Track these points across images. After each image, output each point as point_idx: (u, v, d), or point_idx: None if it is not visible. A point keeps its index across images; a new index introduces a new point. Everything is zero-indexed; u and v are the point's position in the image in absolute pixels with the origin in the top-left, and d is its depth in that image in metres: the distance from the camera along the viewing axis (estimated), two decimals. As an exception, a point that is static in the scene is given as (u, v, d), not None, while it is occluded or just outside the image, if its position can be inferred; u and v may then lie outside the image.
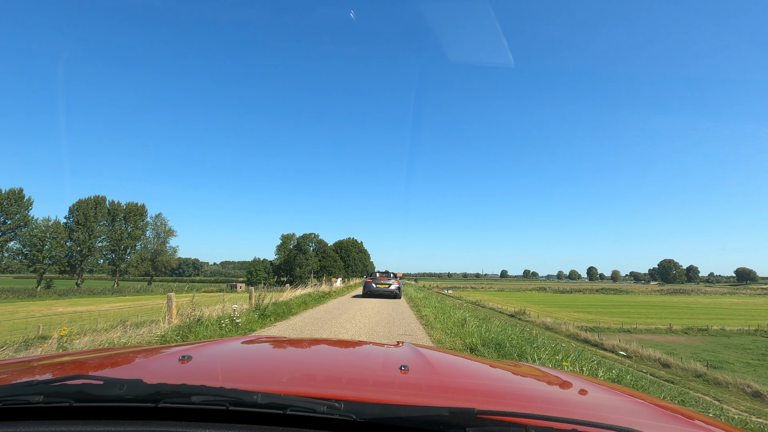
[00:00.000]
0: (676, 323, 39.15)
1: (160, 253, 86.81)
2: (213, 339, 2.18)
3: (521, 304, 60.67)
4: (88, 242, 71.10)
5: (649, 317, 45.07)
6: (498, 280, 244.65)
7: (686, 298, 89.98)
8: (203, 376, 1.08)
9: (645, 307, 59.76)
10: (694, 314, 49.21)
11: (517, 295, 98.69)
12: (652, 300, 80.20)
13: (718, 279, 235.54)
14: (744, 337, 34.31)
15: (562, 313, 48.20)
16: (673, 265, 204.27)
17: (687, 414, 1.02)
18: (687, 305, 65.28)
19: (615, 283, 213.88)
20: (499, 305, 57.92)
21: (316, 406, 0.71)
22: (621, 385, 1.65)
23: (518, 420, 0.70)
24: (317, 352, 1.60)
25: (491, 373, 1.41)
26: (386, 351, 1.60)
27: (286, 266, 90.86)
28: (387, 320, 10.51)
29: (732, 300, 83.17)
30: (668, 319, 42.45)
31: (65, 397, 0.75)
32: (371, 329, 8.70)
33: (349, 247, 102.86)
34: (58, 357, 1.40)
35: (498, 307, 54.01)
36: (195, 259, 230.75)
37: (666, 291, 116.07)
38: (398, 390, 1.03)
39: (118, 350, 1.61)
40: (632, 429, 0.69)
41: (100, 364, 1.29)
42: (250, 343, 1.70)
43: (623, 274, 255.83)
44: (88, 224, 71.76)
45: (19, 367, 1.18)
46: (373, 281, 19.86)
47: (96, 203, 75.48)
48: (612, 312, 50.84)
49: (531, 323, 34.64)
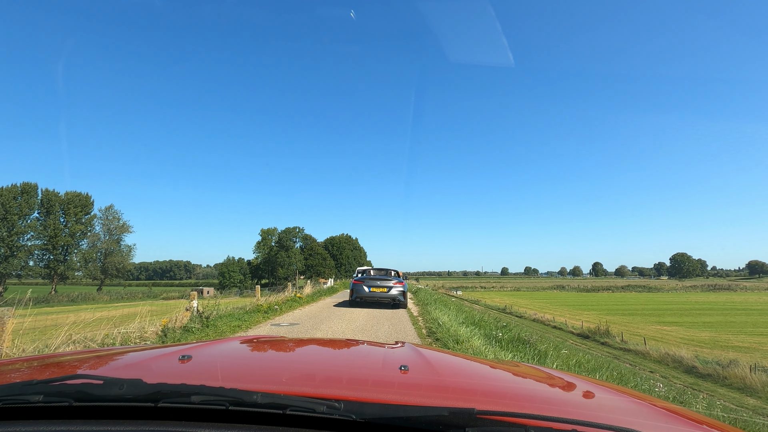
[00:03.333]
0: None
1: (112, 253, 71.57)
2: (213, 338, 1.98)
3: (564, 312, 46.81)
4: (8, 240, 55.92)
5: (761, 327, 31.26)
6: (500, 278, 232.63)
7: (741, 296, 76.29)
8: (203, 376, 1.09)
9: (729, 312, 45.75)
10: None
11: (538, 295, 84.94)
12: (705, 299, 66.33)
13: (727, 273, 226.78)
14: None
15: (644, 325, 34.11)
16: (686, 259, 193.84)
17: (688, 415, 0.99)
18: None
19: (642, 279, 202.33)
20: (536, 312, 44.15)
21: (316, 406, 0.70)
22: (622, 386, 1.58)
23: (518, 420, 0.70)
24: (317, 351, 1.58)
25: (491, 374, 1.39)
26: (386, 351, 1.57)
27: (266, 266, 76.40)
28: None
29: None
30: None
31: (65, 397, 0.74)
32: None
33: (342, 244, 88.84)
34: (57, 356, 1.40)
35: (539, 316, 40.01)
36: (187, 262, 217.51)
37: (700, 287, 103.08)
38: (398, 390, 1.02)
39: (117, 350, 1.56)
40: (633, 429, 0.69)
41: (99, 363, 1.29)
42: (250, 342, 1.70)
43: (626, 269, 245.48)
44: (9, 217, 56.51)
45: (19, 367, 1.16)
46: (365, 283, 13.05)
47: (24, 191, 60.21)
48: (707, 323, 36.61)
49: (640, 354, 20.91)
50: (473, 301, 64.26)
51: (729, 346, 24.57)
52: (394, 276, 13.84)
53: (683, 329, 31.09)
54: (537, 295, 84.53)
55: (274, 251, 75.79)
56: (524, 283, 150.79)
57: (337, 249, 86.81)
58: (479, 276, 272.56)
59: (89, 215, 68.95)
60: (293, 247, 77.47)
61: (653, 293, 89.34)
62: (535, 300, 67.83)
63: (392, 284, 12.79)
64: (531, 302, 62.13)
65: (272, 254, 75.79)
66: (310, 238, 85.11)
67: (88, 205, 68.78)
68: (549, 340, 11.95)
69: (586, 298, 75.72)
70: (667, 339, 26.22)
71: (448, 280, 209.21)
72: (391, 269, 14.65)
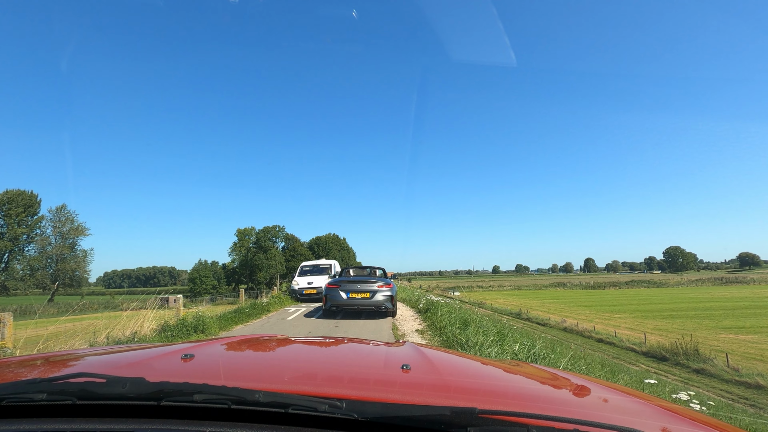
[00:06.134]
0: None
1: (65, 260, 62.58)
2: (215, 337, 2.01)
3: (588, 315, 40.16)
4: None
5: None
6: (492, 276, 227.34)
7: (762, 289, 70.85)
8: (205, 375, 1.09)
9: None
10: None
11: (544, 295, 78.54)
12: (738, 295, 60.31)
13: (717, 266, 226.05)
14: None
15: (707, 333, 27.46)
16: (679, 253, 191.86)
17: (690, 415, 0.99)
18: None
19: (636, 273, 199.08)
20: (556, 316, 37.71)
21: (318, 405, 0.70)
22: (624, 386, 1.55)
23: (520, 420, 0.70)
24: (319, 350, 1.57)
25: (493, 373, 1.39)
26: (388, 350, 1.57)
27: (244, 269, 68.30)
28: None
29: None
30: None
31: (68, 395, 0.75)
32: None
33: (328, 244, 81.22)
34: (60, 355, 1.40)
35: (569, 324, 33.08)
36: (171, 267, 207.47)
37: (706, 281, 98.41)
38: (400, 389, 1.02)
39: (120, 348, 1.57)
40: (635, 429, 0.68)
41: (102, 362, 1.28)
42: (252, 341, 1.70)
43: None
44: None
45: (22, 365, 1.17)
46: (342, 287, 9.99)
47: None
48: (749, 327, 30.14)
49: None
50: (477, 304, 57.06)
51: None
52: (379, 277, 11.41)
53: (764, 338, 24.45)
54: (542, 295, 78.23)
55: (252, 253, 67.75)
56: (521, 281, 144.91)
57: (323, 250, 79.34)
58: (471, 275, 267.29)
59: (35, 216, 60.11)
60: (273, 248, 69.49)
61: (663, 289, 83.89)
62: (545, 300, 61.30)
63: (377, 287, 10.11)
64: (541, 303, 55.53)
65: (249, 256, 67.77)
66: (292, 238, 77.30)
67: (33, 205, 59.74)
68: (626, 370, 9.49)
69: (599, 296, 69.59)
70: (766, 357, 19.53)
71: (441, 279, 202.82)
72: (375, 268, 12.34)
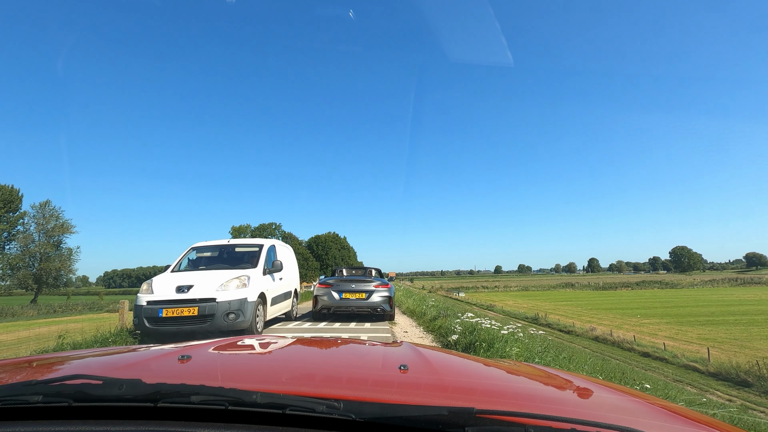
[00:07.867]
0: None
1: (48, 258, 59.00)
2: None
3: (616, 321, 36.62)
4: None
5: None
6: (495, 277, 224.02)
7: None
8: (202, 376, 1.08)
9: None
10: None
11: (555, 296, 74.77)
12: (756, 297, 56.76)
13: (723, 266, 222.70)
14: None
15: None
16: (686, 253, 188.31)
17: (688, 414, 0.99)
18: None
19: (642, 274, 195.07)
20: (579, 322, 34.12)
21: (315, 406, 0.70)
22: (622, 385, 1.57)
23: (517, 419, 0.70)
24: (317, 351, 1.55)
25: (491, 373, 1.38)
26: (385, 350, 1.57)
27: (239, 270, 64.71)
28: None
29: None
30: None
31: (64, 397, 0.74)
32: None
33: (328, 243, 77.88)
34: (56, 356, 1.40)
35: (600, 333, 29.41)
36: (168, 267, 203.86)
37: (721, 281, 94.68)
38: (397, 389, 1.02)
39: (117, 350, 1.57)
40: (633, 429, 0.68)
41: (98, 363, 1.28)
42: (250, 342, 1.69)
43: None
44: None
45: (18, 367, 1.16)
46: (334, 287, 9.70)
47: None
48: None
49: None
50: (485, 306, 53.41)
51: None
52: (375, 277, 10.93)
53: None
54: (553, 296, 74.54)
55: (246, 252, 64.18)
56: (527, 281, 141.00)
57: (323, 249, 76.01)
58: (473, 275, 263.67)
59: (16, 213, 56.61)
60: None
61: (678, 290, 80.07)
62: (558, 303, 57.56)
63: (373, 287, 9.61)
64: (555, 306, 51.86)
65: (245, 256, 64.16)
66: (290, 236, 73.78)
67: (14, 200, 56.10)
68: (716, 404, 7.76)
69: (614, 297, 65.81)
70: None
71: (443, 279, 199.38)
72: (370, 268, 11.76)
